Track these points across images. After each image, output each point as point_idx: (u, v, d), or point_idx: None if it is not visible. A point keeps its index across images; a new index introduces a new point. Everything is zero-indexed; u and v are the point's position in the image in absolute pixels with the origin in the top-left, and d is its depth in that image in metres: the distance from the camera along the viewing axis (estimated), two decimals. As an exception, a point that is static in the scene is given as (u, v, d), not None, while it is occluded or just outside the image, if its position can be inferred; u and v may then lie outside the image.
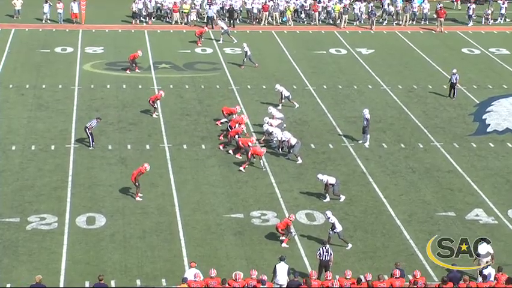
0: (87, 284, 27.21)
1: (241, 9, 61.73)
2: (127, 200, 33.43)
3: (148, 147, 38.43)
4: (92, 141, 37.97)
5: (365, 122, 39.55)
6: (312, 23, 61.79)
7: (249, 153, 36.29)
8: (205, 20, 60.02)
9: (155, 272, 28.33)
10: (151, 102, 41.79)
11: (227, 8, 61.27)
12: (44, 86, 45.67)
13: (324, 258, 27.82)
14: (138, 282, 27.72)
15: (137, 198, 33.45)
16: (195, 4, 61.23)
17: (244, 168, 36.23)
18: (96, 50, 53.33)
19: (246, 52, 50.24)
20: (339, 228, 30.29)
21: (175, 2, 60.84)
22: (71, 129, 40.02)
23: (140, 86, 46.49)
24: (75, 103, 43.35)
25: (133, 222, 31.72)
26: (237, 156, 37.29)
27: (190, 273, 26.43)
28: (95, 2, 62.61)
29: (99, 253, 29.47)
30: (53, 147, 38.01)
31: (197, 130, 40.60)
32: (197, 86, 46.94)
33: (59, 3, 58.61)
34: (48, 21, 59.05)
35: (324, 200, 33.90)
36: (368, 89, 47.44)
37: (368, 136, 39.80)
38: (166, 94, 44.53)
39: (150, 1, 61.07)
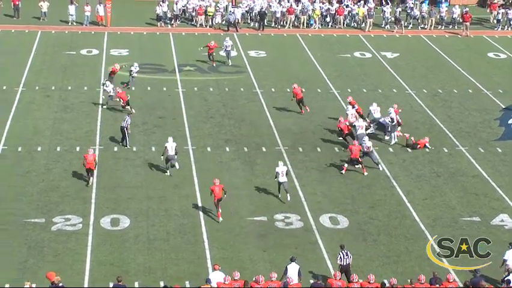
0: (111, 285, 27.35)
1: (266, 12, 61.72)
2: (151, 201, 33.59)
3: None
4: (129, 140, 38.42)
5: (388, 121, 39.54)
6: (337, 27, 61.73)
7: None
8: (226, 23, 60.10)
9: (179, 273, 28.45)
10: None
11: (257, 11, 61.20)
12: (69, 88, 45.96)
13: (344, 263, 27.79)
14: (162, 284, 27.83)
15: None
16: (219, 7, 61.30)
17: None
18: (121, 53, 53.59)
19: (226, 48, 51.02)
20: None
21: (200, 5, 61.00)
22: (96, 130, 40.25)
23: (164, 89, 46.68)
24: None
25: (156, 224, 31.86)
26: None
27: (214, 276, 26.52)
28: (121, 5, 62.89)
29: (123, 254, 29.64)
30: (78, 148, 38.25)
31: (221, 133, 40.70)
32: (221, 88, 47.05)
33: (87, 5, 58.94)
34: (75, 24, 59.39)
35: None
36: (392, 93, 47.35)
37: (393, 134, 39.75)
38: (191, 96, 44.78)
39: (176, 3, 61.26)
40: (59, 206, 32.91)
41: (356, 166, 36.92)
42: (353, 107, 41.46)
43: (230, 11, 60.13)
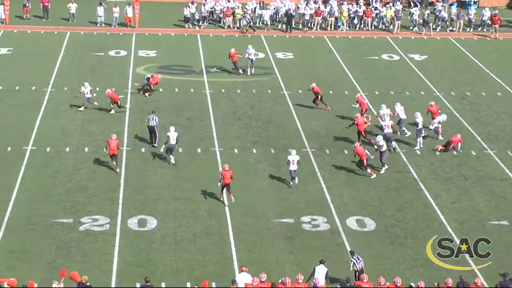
0: (138, 286, 27.48)
1: (294, 13, 61.76)
2: (178, 202, 33.73)
3: (199, 150, 38.70)
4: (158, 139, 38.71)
5: (417, 125, 39.50)
6: (365, 29, 61.64)
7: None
8: (239, 25, 60.22)
9: (205, 275, 28.49)
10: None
11: (283, 12, 61.29)
12: (98, 89, 46.16)
13: (358, 268, 27.71)
14: (188, 285, 27.94)
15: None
16: (246, 9, 61.41)
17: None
18: (149, 54, 53.85)
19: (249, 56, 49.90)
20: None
21: (227, 7, 61.16)
22: (123, 131, 40.46)
23: (192, 90, 46.83)
24: (128, 106, 43.78)
25: (183, 225, 31.99)
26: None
27: (241, 277, 26.60)
28: (149, 6, 63.19)
29: (150, 255, 29.78)
30: (105, 149, 38.44)
31: (248, 134, 40.78)
32: (248, 90, 47.14)
33: (115, 7, 59.28)
34: (103, 25, 59.75)
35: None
36: (420, 95, 47.19)
37: (420, 140, 39.67)
38: (218, 98, 44.91)
39: (204, 5, 61.47)
40: (86, 206, 33.13)
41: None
42: (356, 103, 42.59)
43: (242, 14, 60.09)
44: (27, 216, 32.12)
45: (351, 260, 27.84)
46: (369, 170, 36.71)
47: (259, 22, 61.55)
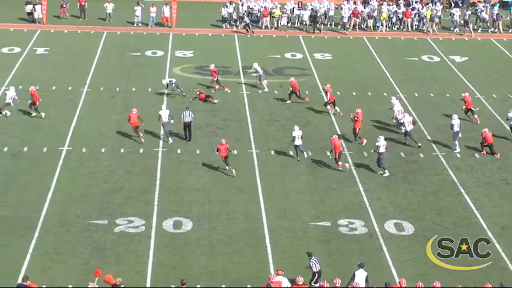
0: (173, 288, 27.58)
1: (334, 15, 61.42)
2: (213, 204, 33.71)
3: (235, 152, 38.61)
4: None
5: (453, 128, 39.31)
6: (404, 29, 61.23)
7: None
8: (277, 25, 60.12)
9: (241, 277, 28.48)
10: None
11: (322, 13, 61.14)
12: (134, 89, 46.39)
13: (317, 269, 27.60)
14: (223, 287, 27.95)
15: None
16: (285, 9, 61.31)
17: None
18: (186, 54, 53.94)
19: (257, 71, 47.79)
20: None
21: (265, 7, 61.10)
22: (159, 133, 40.51)
23: (229, 91, 46.79)
24: (164, 107, 43.83)
25: (219, 227, 31.96)
26: None
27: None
28: (186, 6, 63.30)
29: (185, 257, 29.78)
30: (141, 150, 38.58)
31: (285, 136, 40.62)
32: (286, 91, 46.93)
33: (152, 6, 59.49)
34: (140, 25, 59.97)
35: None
36: (461, 98, 46.66)
37: (457, 142, 39.40)
38: (255, 99, 44.83)
39: (242, 5, 61.44)
40: (122, 207, 33.23)
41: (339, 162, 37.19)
42: (326, 94, 43.33)
43: (242, 13, 59.89)
44: (62, 217, 32.28)
45: (311, 261, 27.73)
46: (340, 162, 36.94)
47: (297, 22, 61.38)
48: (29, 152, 38.09)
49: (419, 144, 39.62)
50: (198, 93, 45.14)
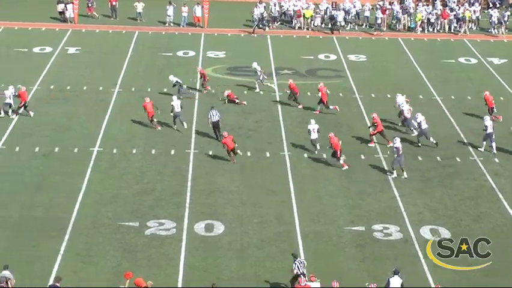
0: (204, 291, 27.65)
1: (369, 15, 61.21)
2: (245, 207, 33.76)
3: (268, 154, 38.69)
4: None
5: (486, 129, 39.30)
6: (441, 31, 60.95)
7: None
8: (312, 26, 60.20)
9: (273, 282, 28.47)
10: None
11: (353, 14, 61.03)
12: (165, 90, 46.54)
13: (300, 272, 27.47)
14: (255, 292, 28.05)
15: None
16: (319, 9, 61.23)
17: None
18: (218, 55, 54.08)
19: (257, 72, 47.56)
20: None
21: (299, 7, 61.03)
22: (191, 134, 40.66)
23: (261, 92, 46.83)
24: (195, 108, 44.05)
25: (251, 231, 31.99)
26: None
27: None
28: (218, 6, 63.42)
29: (217, 261, 29.85)
30: (172, 151, 38.73)
31: (319, 140, 40.56)
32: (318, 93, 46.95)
33: (184, 6, 59.71)
34: (172, 24, 60.20)
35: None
36: (499, 101, 46.27)
37: (494, 144, 39.27)
38: (288, 101, 44.81)
39: (274, 5, 61.45)
40: (153, 209, 33.37)
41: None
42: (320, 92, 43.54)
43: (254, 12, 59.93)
44: (93, 218, 32.49)
45: (295, 263, 27.64)
46: (341, 161, 37.07)
47: (331, 23, 61.23)
48: (60, 152, 38.38)
49: (435, 142, 39.67)
50: (227, 94, 45.15)
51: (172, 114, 41.03)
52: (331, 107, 43.72)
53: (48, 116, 42.61)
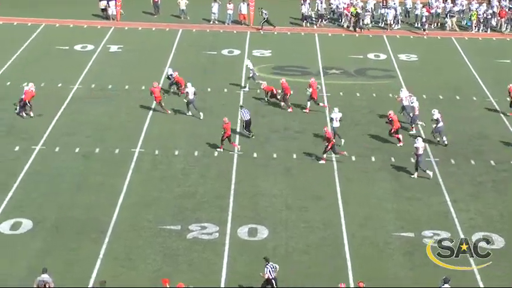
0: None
1: (424, 13, 60.62)
2: (290, 211, 33.68)
3: (313, 157, 38.55)
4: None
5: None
6: (497, 30, 60.29)
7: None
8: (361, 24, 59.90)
9: (318, 289, 28.43)
10: None
11: (399, 12, 60.62)
12: (209, 90, 46.62)
13: (272, 276, 27.38)
14: (300, 299, 27.95)
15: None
16: (367, 7, 60.81)
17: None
18: (264, 53, 54.06)
19: (250, 70, 47.17)
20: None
21: (347, 4, 60.81)
22: (235, 135, 40.65)
23: (308, 93, 46.59)
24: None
25: (296, 236, 31.90)
26: None
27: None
28: (265, 3, 63.27)
29: (260, 266, 29.70)
30: (216, 153, 38.75)
31: (367, 141, 40.39)
32: (368, 93, 46.75)
33: (229, 3, 59.77)
34: (216, 22, 60.29)
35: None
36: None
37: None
38: (335, 101, 44.63)
39: (321, 2, 61.29)
40: (195, 213, 33.42)
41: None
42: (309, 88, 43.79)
43: (263, 11, 59.58)
44: (133, 221, 32.63)
45: (267, 267, 27.50)
46: (324, 155, 37.89)
47: (382, 22, 60.90)
48: (101, 153, 38.61)
49: (446, 143, 39.74)
50: (263, 87, 45.08)
51: (185, 100, 42.67)
52: (321, 104, 43.90)
53: (89, 115, 42.90)
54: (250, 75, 46.95)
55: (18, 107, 42.45)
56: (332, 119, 39.91)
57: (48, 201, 34.05)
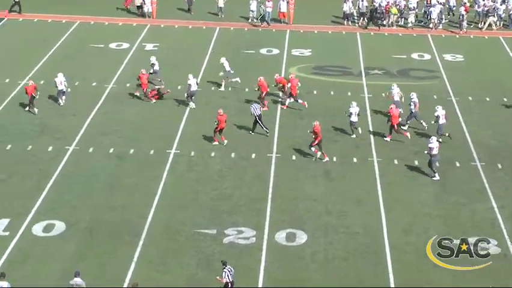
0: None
1: (461, 12, 60.28)
2: (330, 216, 33.60)
3: (355, 160, 38.48)
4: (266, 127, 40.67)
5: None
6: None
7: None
8: (402, 22, 59.57)
9: (358, 297, 28.35)
10: None
11: (438, 11, 60.23)
12: (247, 90, 46.64)
13: (230, 279, 27.35)
14: (339, 308, 27.88)
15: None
16: (411, 6, 60.44)
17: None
18: (303, 53, 53.99)
19: (224, 68, 47.26)
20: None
21: (388, 2, 60.49)
22: (273, 137, 40.65)
23: (349, 93, 46.55)
24: (279, 108, 44.00)
25: (335, 242, 31.83)
26: None
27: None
28: (305, 1, 63.32)
29: (298, 272, 29.78)
30: (253, 155, 38.77)
31: (410, 144, 40.18)
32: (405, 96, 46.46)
33: (268, 1, 59.74)
34: (255, 20, 60.29)
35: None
36: None
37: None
38: (377, 103, 44.48)
39: (362, 1, 61.06)
40: (231, 216, 33.45)
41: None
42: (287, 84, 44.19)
43: (262, 8, 59.27)
44: (168, 224, 32.74)
45: (225, 271, 27.41)
46: (313, 149, 38.25)
47: (426, 20, 60.55)
48: (135, 153, 38.77)
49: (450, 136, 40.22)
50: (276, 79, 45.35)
51: (186, 93, 44.03)
52: (299, 101, 43.91)
53: (124, 115, 43.12)
54: (227, 74, 47.13)
55: (28, 106, 43.08)
56: (350, 114, 40.61)
57: (82, 202, 34.28)
